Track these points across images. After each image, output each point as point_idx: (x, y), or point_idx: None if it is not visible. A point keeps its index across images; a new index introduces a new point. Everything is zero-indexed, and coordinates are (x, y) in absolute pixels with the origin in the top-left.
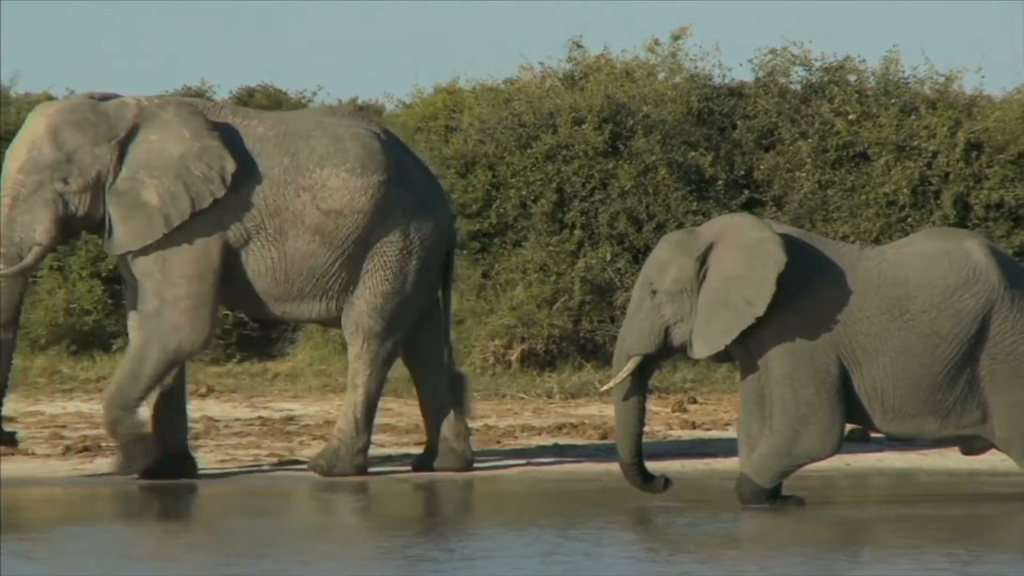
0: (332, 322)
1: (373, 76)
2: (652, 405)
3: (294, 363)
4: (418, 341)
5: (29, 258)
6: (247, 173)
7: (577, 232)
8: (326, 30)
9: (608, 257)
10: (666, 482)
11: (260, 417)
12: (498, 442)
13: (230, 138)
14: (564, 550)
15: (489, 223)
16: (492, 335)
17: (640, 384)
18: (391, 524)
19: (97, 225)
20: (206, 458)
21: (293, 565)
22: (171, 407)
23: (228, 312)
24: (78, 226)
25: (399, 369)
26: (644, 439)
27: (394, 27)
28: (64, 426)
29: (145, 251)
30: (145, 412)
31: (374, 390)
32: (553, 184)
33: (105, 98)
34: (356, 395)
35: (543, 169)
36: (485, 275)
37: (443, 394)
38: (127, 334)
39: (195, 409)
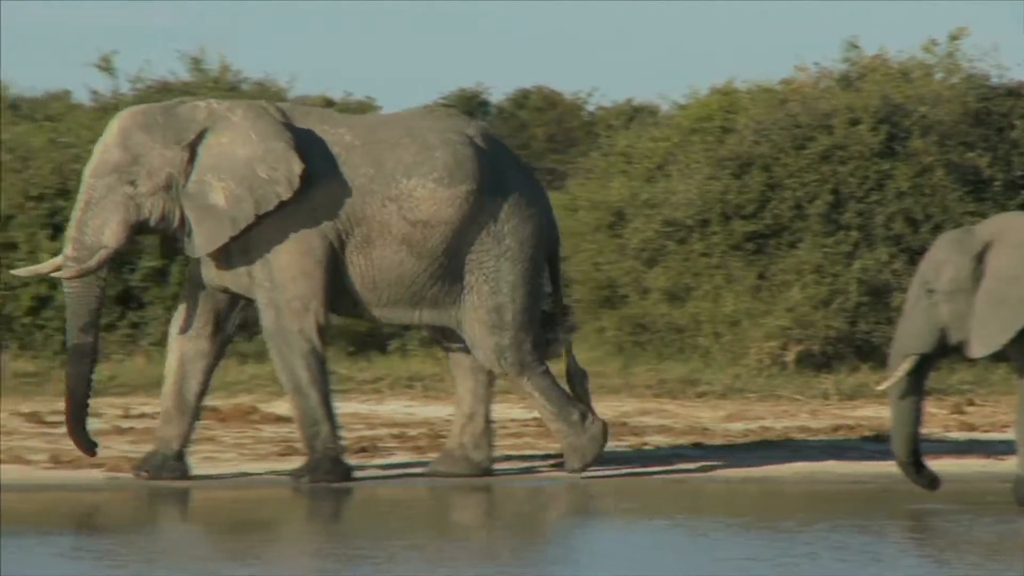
0: (427, 328)
1: (648, 77)
2: (930, 407)
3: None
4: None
5: (92, 261)
6: (331, 180)
7: (853, 233)
8: (602, 31)
9: (884, 258)
10: (930, 478)
11: (535, 418)
12: (774, 443)
13: (308, 144)
14: (791, 552)
15: (764, 224)
16: (768, 336)
17: (916, 384)
18: (641, 521)
19: (175, 229)
20: None
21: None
22: (180, 406)
23: None
24: (152, 230)
25: (674, 369)
26: (922, 440)
27: (670, 28)
28: (342, 426)
29: (251, 259)
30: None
31: (547, 387)
32: (829, 185)
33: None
34: (537, 404)
35: (819, 170)
36: (761, 276)
37: (479, 402)
38: (402, 335)
39: None
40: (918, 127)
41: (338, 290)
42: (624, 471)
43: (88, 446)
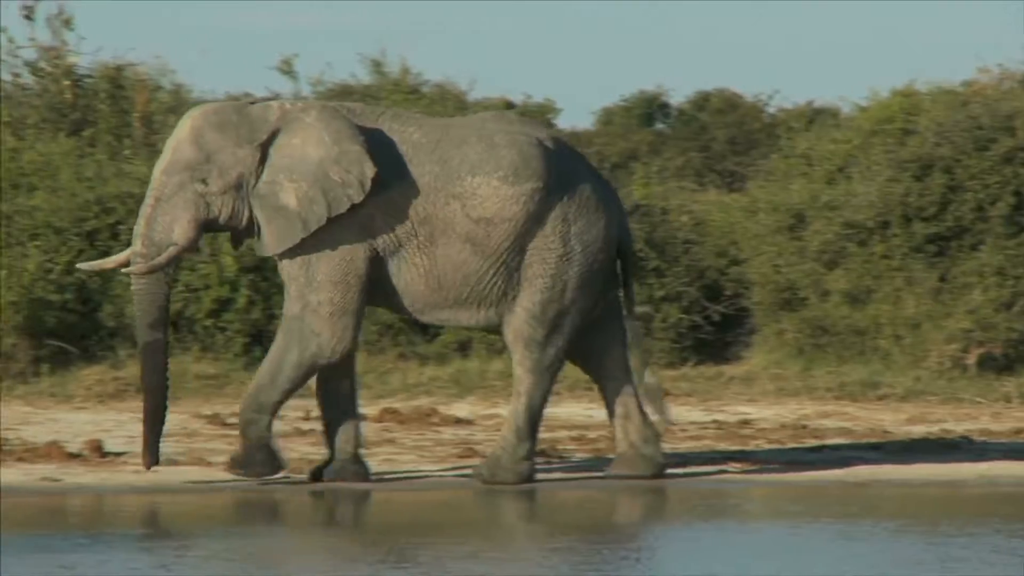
0: (491, 330)
1: (829, 79)
2: None
3: (749, 367)
4: (597, 347)
5: (161, 257)
6: (396, 179)
7: None
8: (783, 34)
9: None
10: None
11: (715, 420)
12: (955, 446)
13: (377, 144)
14: (949, 555)
15: (945, 226)
16: (949, 339)
17: None
18: (804, 523)
19: (244, 228)
20: None
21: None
22: (339, 411)
23: (683, 316)
24: (221, 228)
25: (855, 372)
26: None
27: (851, 30)
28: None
29: (291, 255)
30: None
31: (537, 398)
32: (1011, 187)
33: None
34: (519, 403)
35: (1001, 172)
36: (942, 279)
37: (629, 399)
38: None
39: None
40: None
41: (401, 292)
42: (801, 473)
43: (152, 457)
